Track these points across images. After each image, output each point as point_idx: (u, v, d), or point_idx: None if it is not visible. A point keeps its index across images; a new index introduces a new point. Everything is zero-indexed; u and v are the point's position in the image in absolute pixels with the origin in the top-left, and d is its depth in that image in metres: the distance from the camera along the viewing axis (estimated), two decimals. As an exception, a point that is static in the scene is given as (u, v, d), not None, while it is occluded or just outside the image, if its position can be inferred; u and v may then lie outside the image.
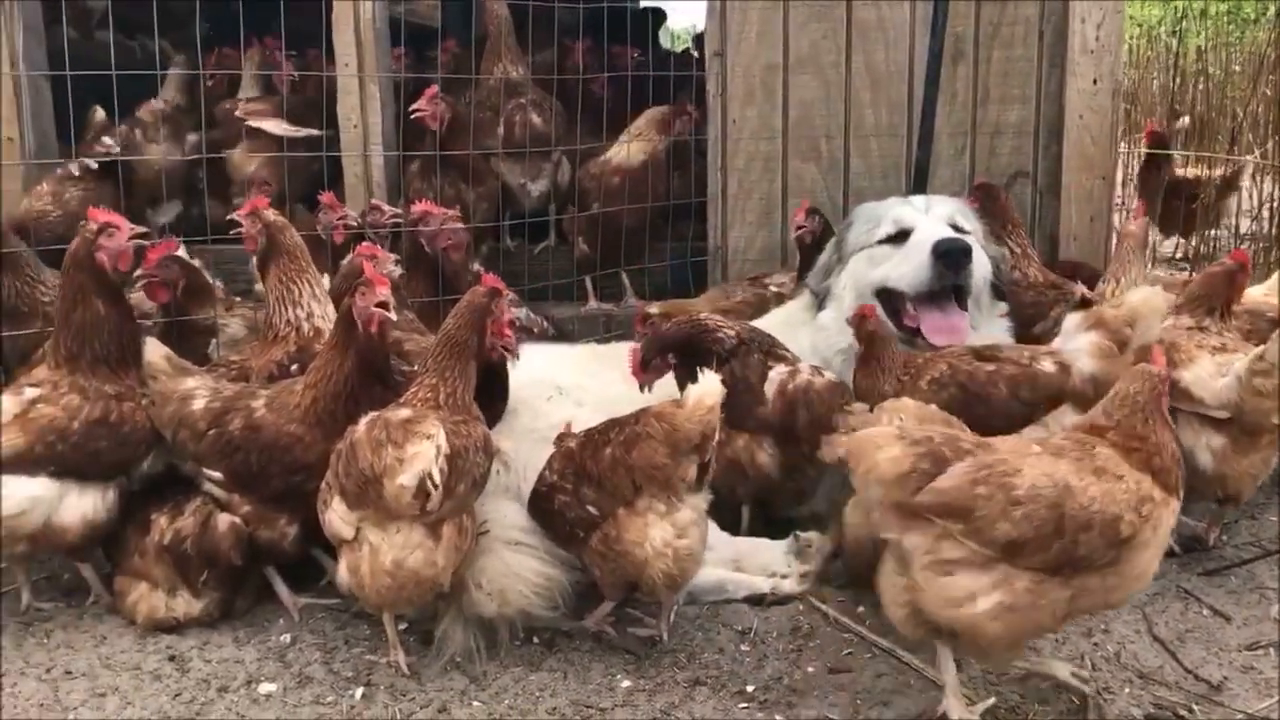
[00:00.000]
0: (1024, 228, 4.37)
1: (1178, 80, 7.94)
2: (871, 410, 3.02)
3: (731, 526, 3.49)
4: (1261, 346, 3.13)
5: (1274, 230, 6.28)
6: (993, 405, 3.19)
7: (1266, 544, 3.51)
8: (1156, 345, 3.01)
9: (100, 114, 5.42)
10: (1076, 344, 3.29)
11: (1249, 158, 6.74)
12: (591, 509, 2.81)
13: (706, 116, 5.05)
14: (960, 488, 2.32)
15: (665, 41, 9.43)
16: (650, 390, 3.36)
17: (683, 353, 3.37)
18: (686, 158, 5.42)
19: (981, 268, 3.71)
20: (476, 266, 4.51)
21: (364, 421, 2.70)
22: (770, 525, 3.48)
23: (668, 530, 2.78)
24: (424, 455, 2.56)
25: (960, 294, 3.66)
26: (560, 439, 3.00)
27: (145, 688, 2.79)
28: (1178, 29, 9.54)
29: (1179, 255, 7.11)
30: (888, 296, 3.72)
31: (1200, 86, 7.55)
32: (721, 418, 3.35)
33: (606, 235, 5.11)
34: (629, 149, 5.16)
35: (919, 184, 4.48)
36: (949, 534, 2.31)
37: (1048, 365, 3.25)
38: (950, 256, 3.54)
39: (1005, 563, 2.32)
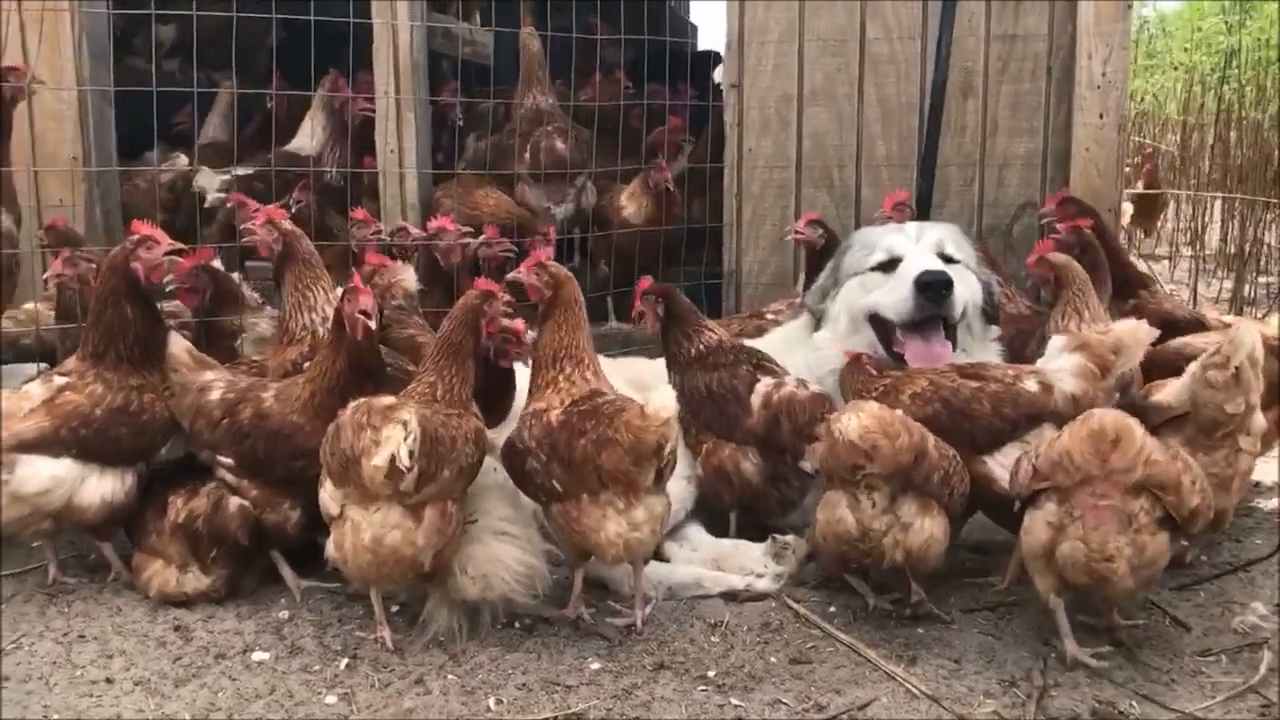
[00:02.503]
0: (1008, 276, 4.54)
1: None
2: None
3: (720, 533, 3.66)
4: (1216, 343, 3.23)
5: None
6: (975, 421, 3.30)
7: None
8: None
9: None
10: (1060, 364, 3.38)
11: None
12: (558, 485, 2.99)
13: (724, 146, 5.26)
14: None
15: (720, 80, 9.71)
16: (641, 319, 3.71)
17: (672, 315, 3.64)
18: (704, 184, 5.62)
19: (968, 295, 3.83)
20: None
21: (351, 406, 2.92)
22: (760, 532, 3.62)
23: (622, 525, 2.95)
24: (394, 438, 2.76)
25: (947, 321, 3.79)
26: (543, 410, 3.13)
27: (150, 652, 3.02)
28: (1225, 74, 9.59)
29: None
30: (879, 322, 3.85)
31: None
32: (709, 428, 3.60)
33: (621, 261, 5.33)
34: (629, 206, 5.43)
35: (922, 213, 4.63)
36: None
37: (1030, 384, 3.33)
38: (931, 289, 3.66)
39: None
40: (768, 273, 5.27)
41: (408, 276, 4.03)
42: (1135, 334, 3.37)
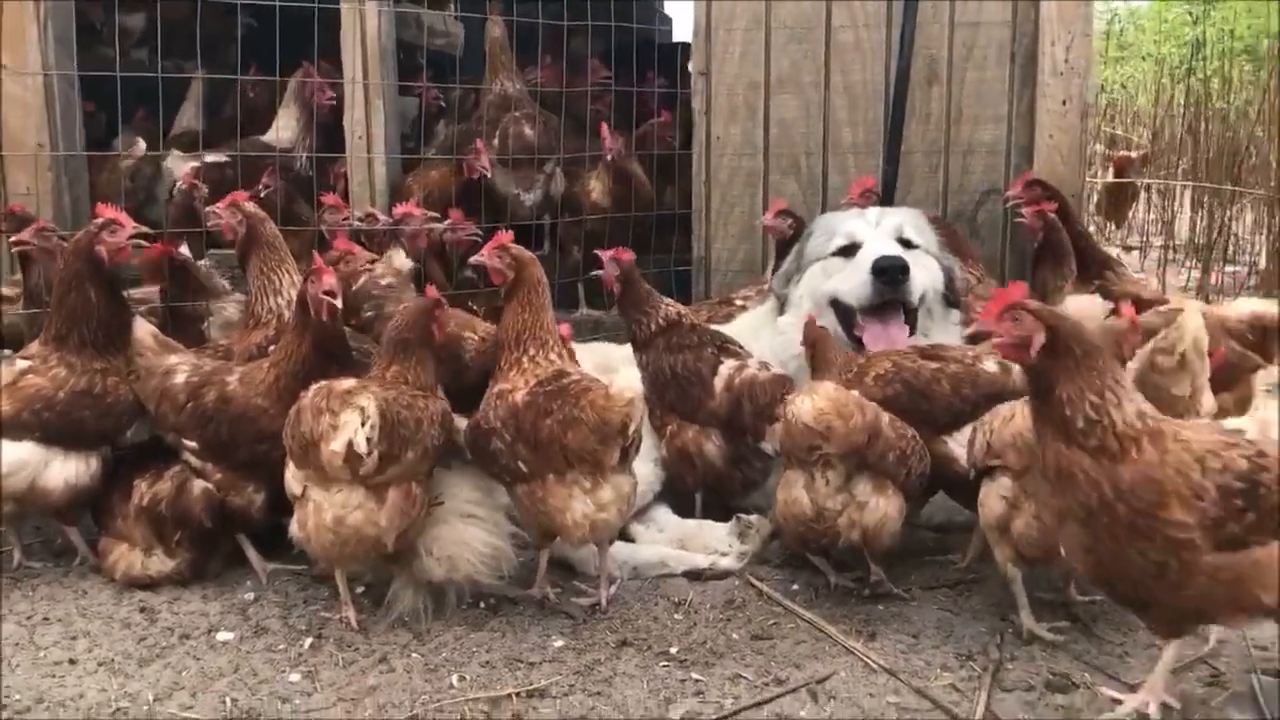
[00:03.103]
0: (978, 259, 4.60)
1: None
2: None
3: (687, 515, 3.69)
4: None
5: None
6: (935, 401, 3.34)
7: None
8: (1125, 304, 3.28)
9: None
10: None
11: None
12: (523, 465, 3.01)
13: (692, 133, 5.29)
14: None
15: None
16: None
17: (629, 287, 3.67)
18: (672, 172, 5.65)
19: (927, 280, 3.87)
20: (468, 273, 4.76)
21: (312, 389, 2.93)
22: (725, 514, 3.65)
23: (589, 505, 2.99)
24: (352, 423, 2.78)
25: (906, 306, 3.83)
26: (508, 390, 3.15)
27: (114, 633, 3.02)
28: (1191, 66, 9.68)
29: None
30: (839, 307, 3.90)
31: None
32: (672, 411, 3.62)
33: (591, 247, 5.35)
34: (596, 188, 5.45)
35: (887, 199, 4.67)
36: None
37: (990, 365, 3.38)
38: (887, 274, 3.71)
39: None
40: (737, 260, 5.30)
41: (398, 256, 4.02)
42: (1088, 309, 3.43)
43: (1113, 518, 2.38)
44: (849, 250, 3.90)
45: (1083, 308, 3.50)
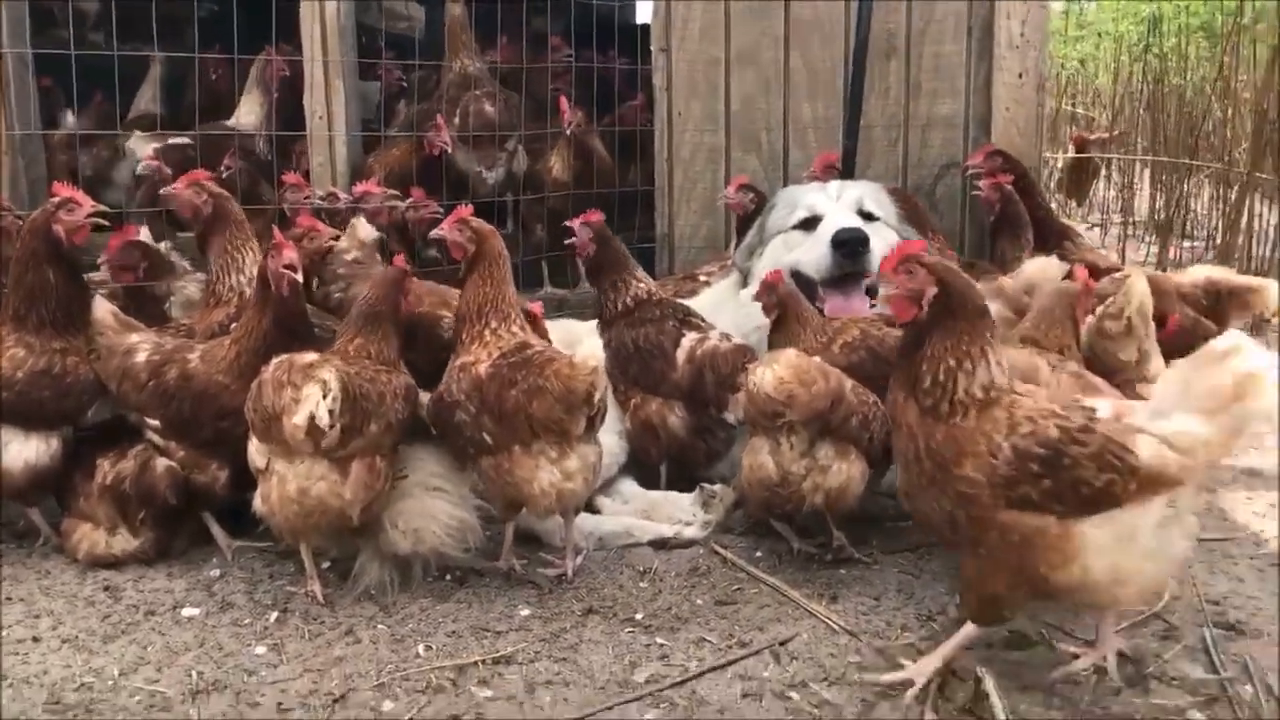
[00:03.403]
0: (939, 231, 4.68)
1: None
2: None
3: (652, 487, 3.72)
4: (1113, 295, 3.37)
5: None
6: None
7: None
8: (1079, 266, 3.35)
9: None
10: None
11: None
12: (488, 437, 3.02)
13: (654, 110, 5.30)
14: None
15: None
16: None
17: (604, 247, 3.72)
18: (635, 150, 5.66)
19: (887, 251, 3.88)
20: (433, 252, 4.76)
21: (273, 363, 2.93)
22: (690, 485, 3.67)
23: (555, 474, 3.01)
24: (313, 396, 2.79)
25: (867, 277, 3.84)
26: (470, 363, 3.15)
27: (78, 611, 3.02)
28: (1148, 42, 9.77)
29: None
30: (801, 280, 3.89)
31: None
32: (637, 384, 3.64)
33: (554, 224, 5.37)
34: (557, 164, 5.46)
35: (847, 172, 4.71)
36: None
37: None
38: (847, 246, 3.74)
39: None
40: (700, 236, 5.33)
41: (362, 226, 3.99)
42: (1045, 271, 3.50)
43: (920, 470, 2.49)
44: (810, 223, 3.94)
45: (1042, 268, 3.56)
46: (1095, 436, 2.37)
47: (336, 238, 3.92)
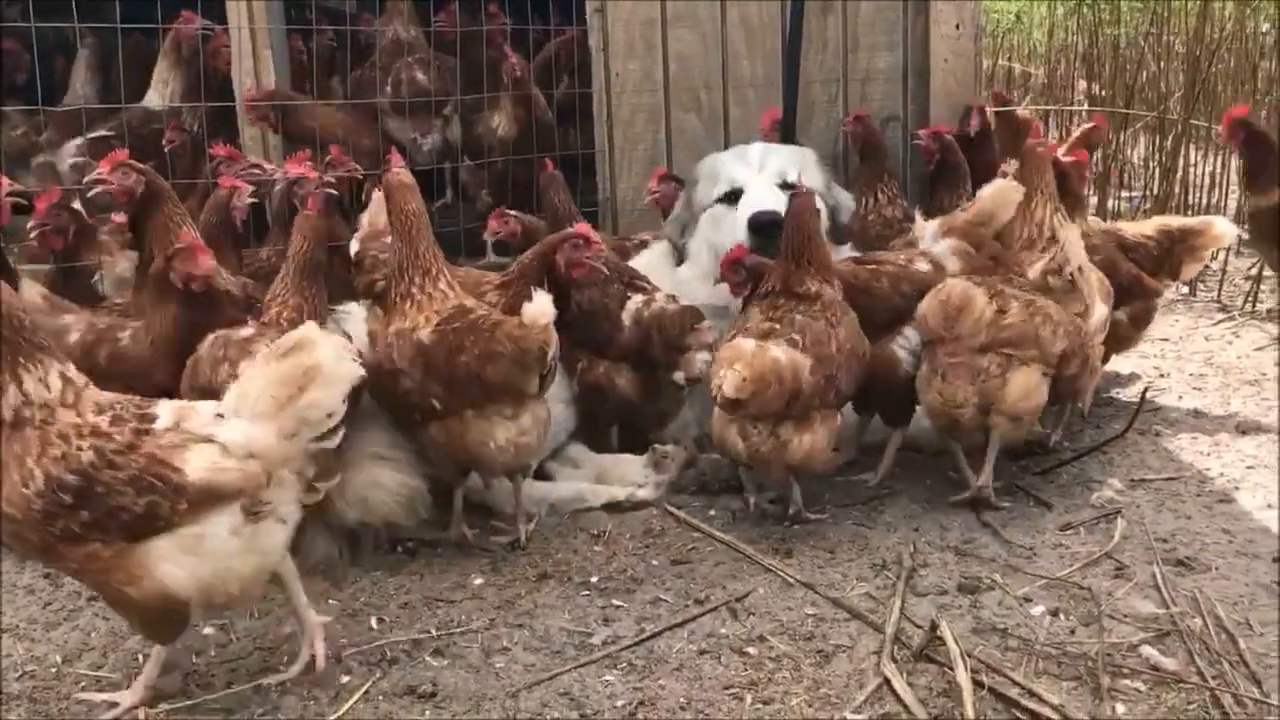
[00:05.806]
0: (894, 173, 4.72)
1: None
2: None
3: (602, 450, 3.69)
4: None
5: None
6: (876, 298, 3.43)
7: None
8: (1035, 122, 3.36)
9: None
10: (939, 249, 3.57)
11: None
12: (436, 403, 2.97)
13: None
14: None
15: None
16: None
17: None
18: (574, 114, 5.57)
19: None
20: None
21: (209, 339, 2.86)
22: (643, 448, 3.64)
23: (511, 430, 2.99)
24: None
25: None
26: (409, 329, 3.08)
27: (18, 600, 2.94)
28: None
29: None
30: None
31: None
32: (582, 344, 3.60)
33: (495, 188, 5.30)
34: (501, 122, 5.37)
35: (787, 129, 4.67)
36: None
37: (923, 265, 3.52)
38: (763, 230, 3.65)
39: None
40: (643, 199, 5.25)
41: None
42: (999, 195, 3.54)
43: None
44: (733, 196, 3.88)
45: (1000, 192, 3.58)
46: (136, 458, 2.21)
47: (255, 193, 3.83)
